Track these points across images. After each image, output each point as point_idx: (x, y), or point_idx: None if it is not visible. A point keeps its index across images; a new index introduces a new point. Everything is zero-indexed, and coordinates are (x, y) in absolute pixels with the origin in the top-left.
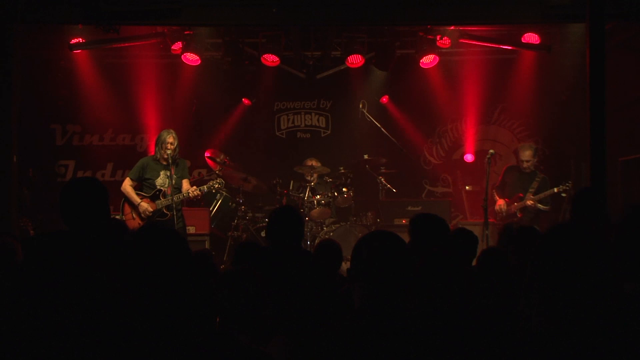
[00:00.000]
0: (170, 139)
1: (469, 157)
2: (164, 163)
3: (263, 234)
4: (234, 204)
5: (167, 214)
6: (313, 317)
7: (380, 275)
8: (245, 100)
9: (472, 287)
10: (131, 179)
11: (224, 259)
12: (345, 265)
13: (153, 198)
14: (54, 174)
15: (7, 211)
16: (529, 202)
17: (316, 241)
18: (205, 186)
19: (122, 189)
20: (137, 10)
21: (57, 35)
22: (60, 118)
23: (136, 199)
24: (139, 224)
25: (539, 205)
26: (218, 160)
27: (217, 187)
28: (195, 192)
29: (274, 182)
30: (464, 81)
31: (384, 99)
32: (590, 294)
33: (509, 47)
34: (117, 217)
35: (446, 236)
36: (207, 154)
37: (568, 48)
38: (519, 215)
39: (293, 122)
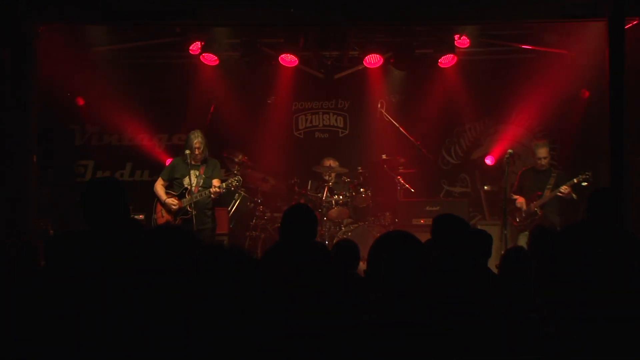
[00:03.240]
0: (197, 141)
1: (489, 160)
2: (194, 163)
3: None
4: (252, 204)
5: (190, 212)
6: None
7: (397, 276)
8: (270, 99)
9: (488, 287)
10: (162, 179)
11: None
12: (363, 266)
13: (180, 196)
14: (73, 174)
15: (27, 211)
16: (564, 189)
17: (334, 241)
18: (224, 184)
19: (154, 188)
20: (154, 10)
21: (76, 35)
22: (79, 118)
23: (162, 196)
24: (168, 220)
25: (573, 194)
26: (236, 160)
27: (235, 184)
28: (214, 190)
29: (292, 182)
30: (482, 81)
31: (395, 99)
32: (604, 293)
33: (528, 47)
34: (140, 216)
35: (464, 237)
36: (225, 154)
37: (587, 47)
38: (539, 213)
39: (311, 122)
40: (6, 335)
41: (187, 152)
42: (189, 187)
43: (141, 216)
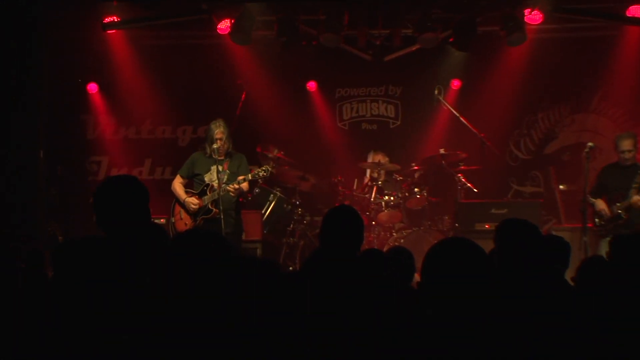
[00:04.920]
0: (219, 131)
1: (566, 155)
2: (216, 157)
3: None
4: (289, 206)
5: (213, 211)
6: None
7: (456, 290)
8: (310, 85)
9: (565, 304)
10: (181, 176)
11: None
12: (418, 278)
13: (201, 194)
14: (85, 172)
15: (34, 214)
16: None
17: (384, 249)
18: (249, 175)
19: (172, 187)
20: None
21: (89, 14)
22: (91, 108)
23: (182, 195)
24: (186, 224)
25: None
26: (270, 156)
27: (263, 174)
28: (232, 187)
29: (335, 180)
30: (557, 63)
31: (455, 84)
32: None
33: (611, 22)
34: (161, 220)
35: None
36: (258, 149)
37: None
38: (624, 217)
39: (357, 112)
40: (10, 353)
41: (215, 146)
42: (211, 183)
43: (162, 220)
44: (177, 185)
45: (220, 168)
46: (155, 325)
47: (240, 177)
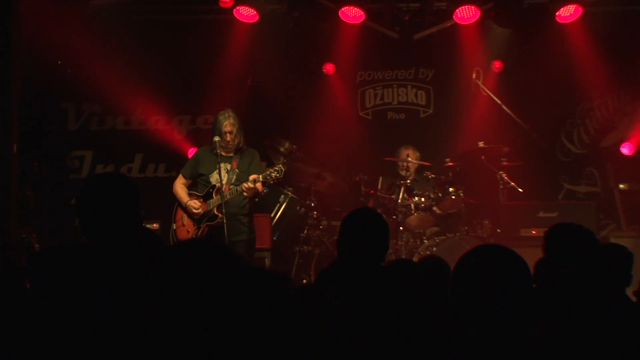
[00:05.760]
0: (228, 123)
1: (627, 149)
2: (224, 154)
3: None
4: (303, 209)
5: (218, 216)
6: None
7: (490, 307)
8: (327, 68)
9: (627, 323)
10: (183, 176)
11: None
12: None
13: (206, 197)
14: (66, 169)
15: (5, 218)
16: None
17: (414, 259)
18: (260, 176)
19: (173, 189)
20: None
21: None
22: (73, 94)
23: (184, 197)
24: (188, 232)
25: None
26: (282, 149)
27: (275, 175)
28: (246, 186)
29: (357, 179)
30: (616, 41)
31: (496, 66)
32: None
33: None
34: (154, 226)
35: (592, 254)
36: (266, 142)
37: None
38: None
39: (382, 99)
40: None
41: (216, 139)
42: (218, 184)
43: (155, 225)
44: (179, 186)
45: (228, 167)
46: (143, 351)
47: (253, 176)
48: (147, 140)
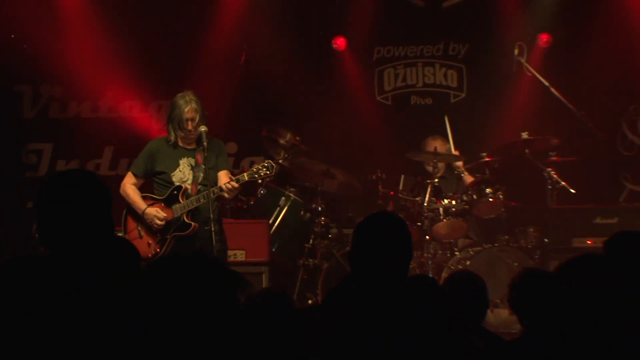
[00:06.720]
0: (190, 109)
1: None
2: (185, 147)
3: None
4: (308, 214)
5: (191, 225)
6: None
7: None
8: (338, 42)
9: None
10: (134, 174)
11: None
12: (493, 314)
13: (169, 201)
14: (20, 165)
15: None
16: None
17: (443, 275)
18: (245, 174)
19: (120, 191)
20: None
21: None
22: (30, 75)
23: (140, 204)
24: (149, 245)
25: None
26: (282, 142)
27: (265, 173)
28: (230, 186)
29: (374, 177)
30: None
31: (543, 40)
32: None
33: None
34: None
35: None
36: (263, 132)
37: None
38: None
39: (404, 80)
40: None
41: (174, 128)
42: (184, 185)
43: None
44: (130, 187)
45: (192, 162)
46: None
47: (226, 177)
48: (118, 131)
